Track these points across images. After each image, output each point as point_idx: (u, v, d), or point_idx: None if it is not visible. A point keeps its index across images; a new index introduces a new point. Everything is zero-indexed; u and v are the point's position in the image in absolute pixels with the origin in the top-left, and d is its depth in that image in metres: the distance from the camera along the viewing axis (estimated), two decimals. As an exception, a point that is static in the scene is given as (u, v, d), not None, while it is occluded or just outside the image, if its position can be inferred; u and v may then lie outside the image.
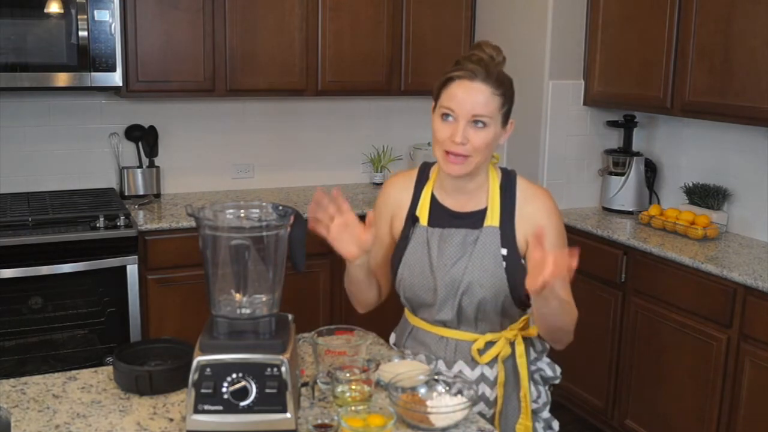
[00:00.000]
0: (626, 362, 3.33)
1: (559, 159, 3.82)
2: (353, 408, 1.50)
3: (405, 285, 1.86)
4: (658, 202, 3.83)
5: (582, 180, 3.90)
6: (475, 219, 1.81)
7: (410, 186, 1.91)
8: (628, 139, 3.83)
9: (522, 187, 1.84)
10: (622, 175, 3.76)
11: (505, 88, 1.74)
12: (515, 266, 1.78)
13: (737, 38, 3.03)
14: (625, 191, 3.76)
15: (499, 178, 1.85)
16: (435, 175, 1.89)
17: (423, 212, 1.86)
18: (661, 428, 3.18)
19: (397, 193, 1.93)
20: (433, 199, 1.87)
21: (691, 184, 3.58)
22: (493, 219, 1.80)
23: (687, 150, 3.70)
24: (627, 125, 3.81)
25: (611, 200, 3.81)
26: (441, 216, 1.85)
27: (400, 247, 1.88)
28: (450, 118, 1.73)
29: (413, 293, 1.85)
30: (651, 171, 3.81)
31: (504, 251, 1.78)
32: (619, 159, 3.78)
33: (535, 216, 1.80)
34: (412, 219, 1.87)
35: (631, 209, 3.73)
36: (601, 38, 3.69)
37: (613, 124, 3.86)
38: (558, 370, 1.93)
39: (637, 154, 3.80)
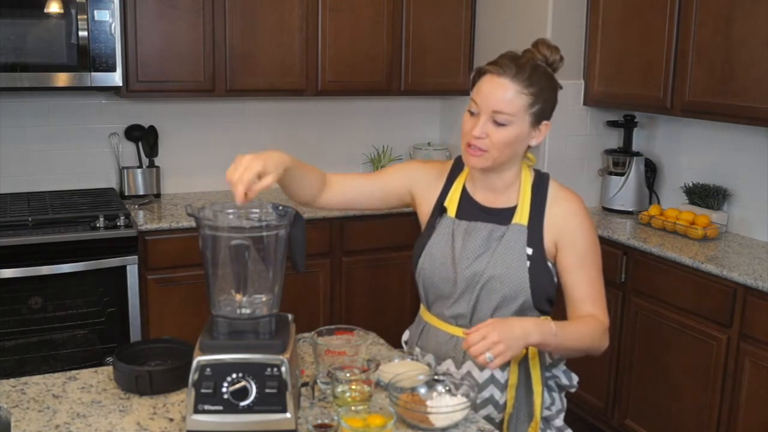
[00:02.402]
0: (626, 362, 3.32)
1: (559, 159, 3.81)
2: (353, 408, 1.50)
3: (425, 275, 1.84)
4: (658, 202, 3.83)
5: (582, 180, 3.90)
6: (504, 215, 1.80)
7: (443, 176, 1.91)
8: (628, 139, 3.83)
9: (554, 189, 1.83)
10: (622, 175, 3.76)
11: (537, 88, 1.70)
12: (539, 267, 1.76)
13: (737, 38, 3.03)
14: (625, 191, 3.76)
15: (532, 178, 1.84)
16: (468, 168, 1.88)
17: (452, 203, 1.85)
18: (661, 428, 3.18)
19: (428, 175, 1.92)
20: (464, 191, 1.86)
21: (691, 184, 3.58)
22: (521, 217, 1.79)
23: (687, 150, 3.70)
24: (627, 125, 3.81)
25: (611, 200, 3.81)
26: (469, 209, 1.84)
27: (424, 236, 1.87)
28: (474, 111, 1.73)
29: (432, 284, 1.83)
30: (651, 171, 3.81)
31: (529, 251, 1.76)
32: (619, 159, 3.78)
33: (565, 220, 1.79)
34: (439, 209, 1.87)
35: (631, 209, 3.72)
36: (601, 38, 3.69)
37: (613, 124, 3.86)
38: (575, 379, 1.89)
39: (637, 154, 3.79)
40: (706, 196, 3.46)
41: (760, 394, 2.76)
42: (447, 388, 1.66)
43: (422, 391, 1.65)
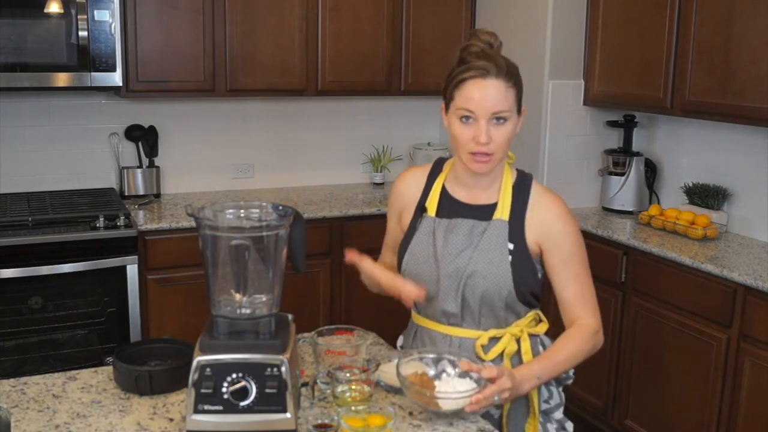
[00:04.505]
0: (626, 362, 3.32)
1: (559, 159, 3.81)
2: (353, 408, 1.50)
3: (409, 275, 1.85)
4: (658, 202, 3.83)
5: (582, 180, 3.90)
6: (485, 211, 1.81)
7: (422, 179, 1.92)
8: (628, 139, 3.82)
9: (537, 191, 1.84)
10: (622, 175, 3.76)
11: (515, 78, 1.74)
12: (521, 262, 1.77)
13: (737, 38, 3.03)
14: (625, 191, 3.76)
15: (514, 177, 1.85)
16: (449, 169, 1.89)
17: (432, 203, 1.86)
18: (661, 428, 3.18)
19: (408, 187, 1.93)
20: (444, 191, 1.87)
21: (691, 184, 3.58)
22: (503, 213, 1.80)
23: (687, 150, 3.70)
24: (627, 125, 3.81)
25: (611, 200, 3.81)
26: (450, 207, 1.85)
27: (406, 237, 1.88)
28: (470, 120, 1.72)
29: (416, 283, 1.84)
30: (651, 171, 3.81)
31: (510, 246, 1.77)
32: (619, 159, 3.78)
33: (548, 223, 1.80)
34: (420, 210, 1.88)
35: (631, 209, 3.72)
36: (601, 38, 3.69)
37: (613, 124, 3.86)
38: (571, 370, 1.89)
39: (637, 154, 3.79)
40: (706, 196, 3.46)
41: (760, 394, 2.76)
42: (457, 369, 1.65)
43: (431, 372, 1.64)
